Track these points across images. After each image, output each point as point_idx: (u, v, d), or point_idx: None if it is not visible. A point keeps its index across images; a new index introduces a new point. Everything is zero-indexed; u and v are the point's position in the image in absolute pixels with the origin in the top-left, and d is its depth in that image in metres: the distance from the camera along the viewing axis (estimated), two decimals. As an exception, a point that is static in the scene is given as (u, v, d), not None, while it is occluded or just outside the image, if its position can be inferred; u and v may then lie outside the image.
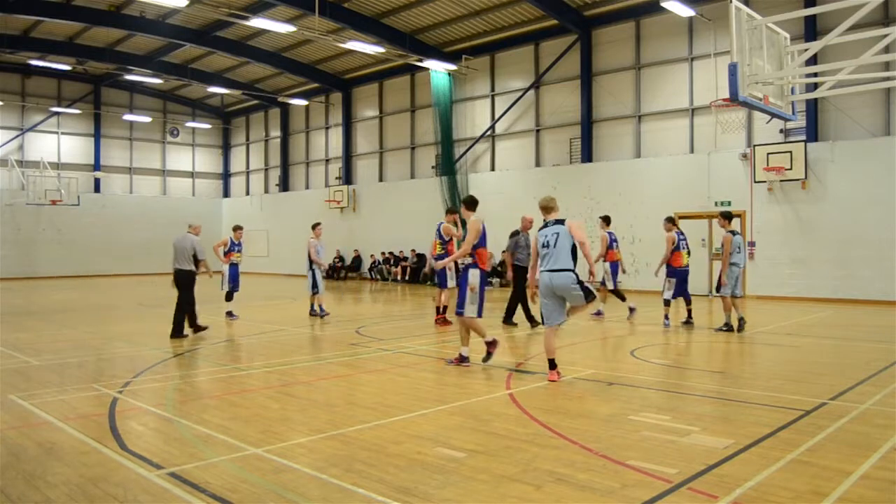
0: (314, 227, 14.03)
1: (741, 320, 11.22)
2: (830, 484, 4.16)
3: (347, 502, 3.98)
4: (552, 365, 7.31)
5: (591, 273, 7.36)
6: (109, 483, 4.27)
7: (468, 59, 24.11)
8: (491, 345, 8.04)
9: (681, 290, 12.15)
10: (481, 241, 8.03)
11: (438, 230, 12.00)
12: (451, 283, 11.91)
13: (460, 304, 8.06)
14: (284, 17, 22.35)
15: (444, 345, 10.16)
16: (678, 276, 12.12)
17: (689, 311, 12.28)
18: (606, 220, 13.66)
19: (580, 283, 7.17)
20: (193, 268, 11.00)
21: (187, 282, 10.93)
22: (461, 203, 8.60)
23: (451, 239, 11.93)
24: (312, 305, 14.06)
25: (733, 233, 11.20)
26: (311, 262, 13.67)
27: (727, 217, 11.44)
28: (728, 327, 11.18)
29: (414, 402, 6.46)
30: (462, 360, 8.14)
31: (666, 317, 12.07)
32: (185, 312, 10.87)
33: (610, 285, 13.47)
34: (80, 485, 4.23)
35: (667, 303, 12.18)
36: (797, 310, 14.76)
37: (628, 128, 20.96)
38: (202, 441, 5.18)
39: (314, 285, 13.69)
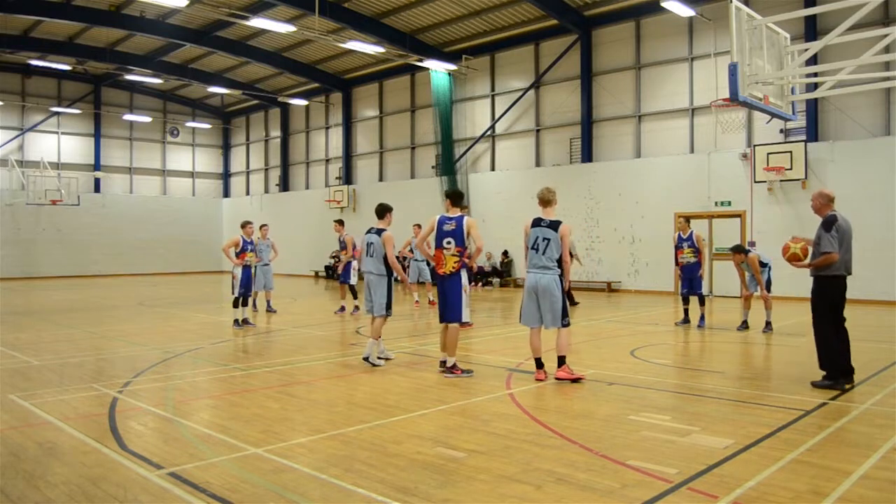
0: (260, 227, 14.52)
1: (745, 322, 11.64)
2: (830, 484, 4.17)
3: (347, 502, 3.98)
4: (539, 364, 7.41)
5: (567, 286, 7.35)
6: (109, 483, 4.27)
7: (468, 59, 24.12)
8: (454, 367, 7.67)
9: (686, 287, 12.28)
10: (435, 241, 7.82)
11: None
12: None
13: (457, 311, 7.70)
14: (284, 17, 22.35)
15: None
16: (682, 272, 12.32)
17: (686, 311, 12.32)
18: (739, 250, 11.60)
19: (563, 293, 7.19)
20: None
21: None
22: (447, 198, 8.00)
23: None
24: (267, 301, 14.92)
25: (747, 252, 11.36)
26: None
27: (740, 250, 11.40)
28: (745, 326, 11.57)
29: (414, 402, 6.46)
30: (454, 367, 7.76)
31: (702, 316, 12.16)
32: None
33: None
34: (80, 485, 4.23)
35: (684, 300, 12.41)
36: (797, 310, 14.74)
37: (628, 128, 20.96)
38: (202, 441, 5.18)
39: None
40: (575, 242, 16.67)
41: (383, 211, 8.66)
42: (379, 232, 8.47)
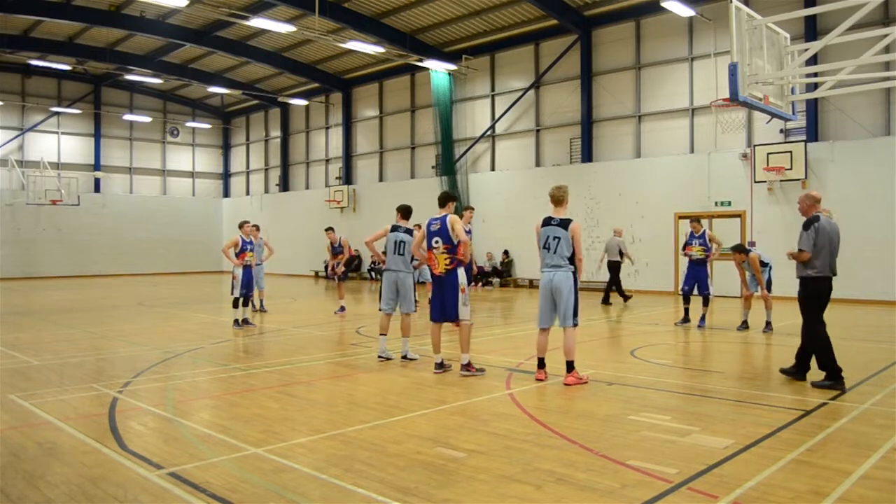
0: (255, 227, 13.81)
1: (745, 322, 11.66)
2: (830, 484, 4.17)
3: (347, 502, 3.98)
4: (541, 364, 7.42)
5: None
6: (109, 483, 4.27)
7: (468, 59, 24.12)
8: (469, 365, 7.73)
9: (690, 286, 12.27)
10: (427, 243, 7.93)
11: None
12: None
13: (454, 309, 7.70)
14: (284, 17, 22.35)
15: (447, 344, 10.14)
16: (689, 270, 12.36)
17: (686, 310, 12.31)
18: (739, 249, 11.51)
19: (577, 290, 7.19)
20: (619, 259, 16.32)
21: (616, 268, 16.33)
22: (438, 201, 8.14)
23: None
24: (260, 301, 14.98)
25: (748, 251, 11.37)
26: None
27: (741, 250, 11.40)
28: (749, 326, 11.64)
29: (414, 402, 6.46)
30: (441, 366, 7.90)
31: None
32: (613, 287, 16.44)
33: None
34: (80, 485, 4.23)
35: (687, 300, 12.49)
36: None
37: (628, 128, 20.96)
38: (202, 441, 5.18)
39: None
40: (624, 242, 16.74)
41: (409, 211, 9.01)
42: (409, 231, 8.80)
